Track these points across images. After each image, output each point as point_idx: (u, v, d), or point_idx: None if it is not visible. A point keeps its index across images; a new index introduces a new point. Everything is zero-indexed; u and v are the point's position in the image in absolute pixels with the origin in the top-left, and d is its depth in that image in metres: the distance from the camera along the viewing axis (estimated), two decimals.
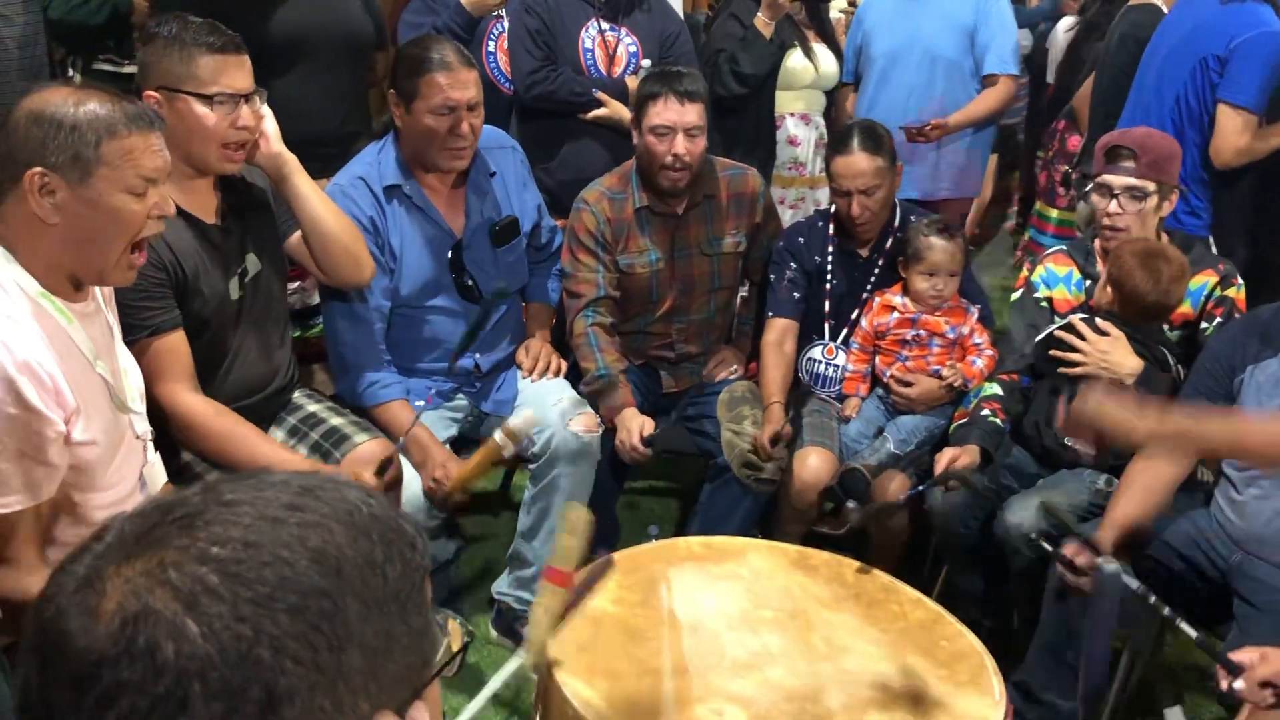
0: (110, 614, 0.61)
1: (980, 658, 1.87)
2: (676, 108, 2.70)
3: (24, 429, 1.56)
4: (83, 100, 1.64)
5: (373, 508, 0.71)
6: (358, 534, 0.68)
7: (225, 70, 2.10)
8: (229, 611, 0.61)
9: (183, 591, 0.61)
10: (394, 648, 0.67)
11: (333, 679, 0.63)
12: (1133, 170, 2.57)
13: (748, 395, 2.89)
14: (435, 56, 2.49)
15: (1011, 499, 2.56)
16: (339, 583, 0.65)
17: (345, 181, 2.59)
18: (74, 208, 1.63)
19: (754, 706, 1.69)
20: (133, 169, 1.66)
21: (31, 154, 1.61)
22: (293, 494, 0.68)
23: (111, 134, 1.64)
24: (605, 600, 1.93)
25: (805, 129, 3.78)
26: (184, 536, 0.64)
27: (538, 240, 2.92)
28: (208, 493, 0.68)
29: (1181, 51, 3.22)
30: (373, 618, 0.66)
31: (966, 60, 3.66)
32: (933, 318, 2.85)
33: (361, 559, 0.67)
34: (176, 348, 2.10)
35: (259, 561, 0.63)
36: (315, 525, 0.66)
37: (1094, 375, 2.55)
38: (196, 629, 0.60)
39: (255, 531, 0.64)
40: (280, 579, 0.63)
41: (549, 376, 2.81)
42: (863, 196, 2.81)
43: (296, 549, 0.65)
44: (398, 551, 0.69)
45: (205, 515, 0.65)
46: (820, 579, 2.09)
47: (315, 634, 0.62)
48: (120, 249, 1.70)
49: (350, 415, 2.47)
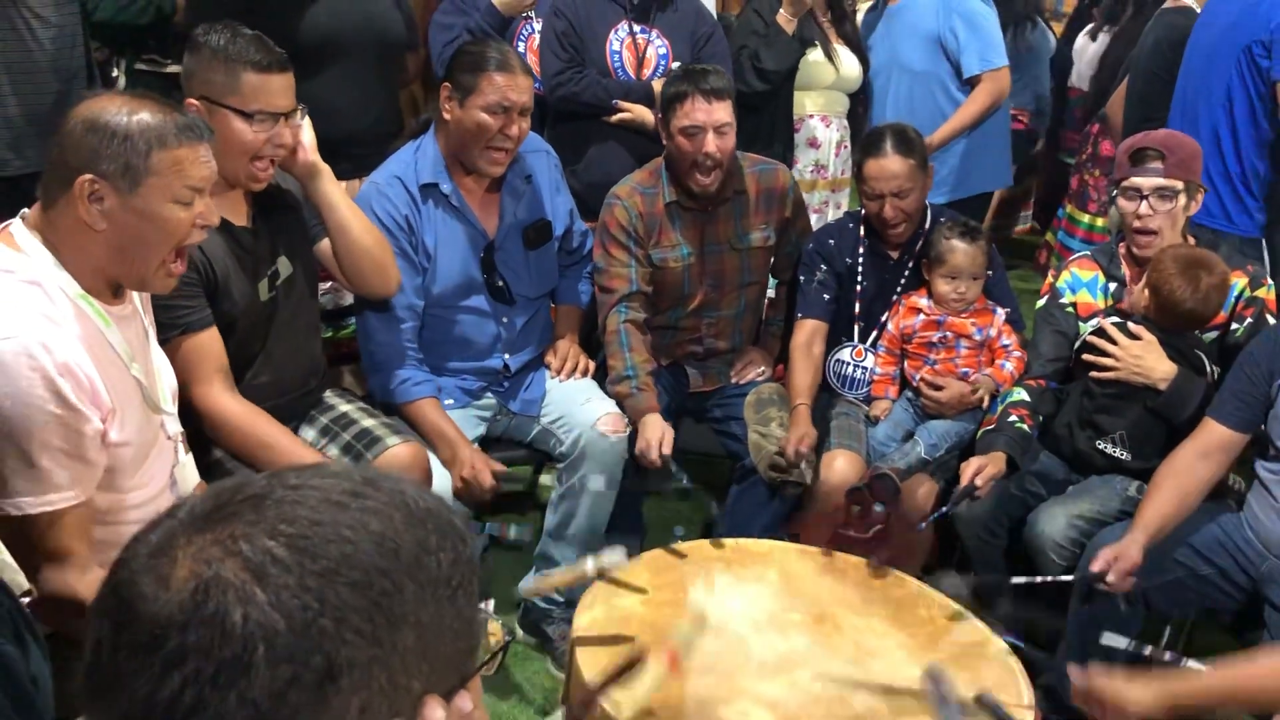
0: (182, 580, 0.65)
1: (1008, 662, 1.86)
2: (705, 106, 2.70)
3: (66, 427, 1.59)
4: (136, 110, 1.67)
5: (427, 501, 0.74)
6: (414, 522, 0.71)
7: (268, 88, 2.12)
8: (295, 582, 0.64)
9: (252, 562, 0.65)
10: (444, 631, 0.70)
11: (389, 654, 0.66)
12: (1160, 170, 2.56)
13: (775, 397, 2.89)
14: (497, 56, 2.53)
15: (1040, 507, 2.55)
16: (397, 564, 0.68)
17: (381, 180, 2.62)
18: (121, 215, 1.66)
19: (781, 708, 1.69)
20: (181, 179, 1.69)
21: (84, 161, 1.63)
22: (354, 483, 0.72)
23: (162, 145, 1.66)
24: (633, 600, 1.94)
25: (826, 130, 3.77)
26: (253, 513, 0.68)
27: (569, 244, 2.93)
28: (274, 478, 0.71)
29: (1223, 47, 3.19)
30: (427, 600, 0.69)
31: (941, 68, 3.68)
32: (959, 320, 2.84)
33: (417, 545, 0.70)
34: (209, 346, 2.12)
35: (324, 538, 0.67)
36: (375, 511, 0.70)
37: (1127, 379, 2.54)
38: (264, 597, 0.63)
39: (320, 512, 0.68)
40: (343, 556, 0.66)
41: (577, 377, 2.82)
42: (895, 199, 2.80)
43: (359, 530, 0.68)
44: (450, 543, 0.73)
45: (274, 495, 0.69)
46: (848, 582, 2.09)
47: (375, 610, 0.66)
48: (162, 257, 1.73)
49: (382, 417, 2.49)
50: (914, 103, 3.68)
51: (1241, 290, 2.59)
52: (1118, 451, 2.58)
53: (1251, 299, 2.58)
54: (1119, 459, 2.58)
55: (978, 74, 3.65)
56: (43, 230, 1.68)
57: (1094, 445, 2.60)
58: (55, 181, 1.66)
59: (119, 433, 1.69)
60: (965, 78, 3.67)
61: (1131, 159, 2.60)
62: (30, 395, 1.55)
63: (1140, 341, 2.54)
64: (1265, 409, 2.29)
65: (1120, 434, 2.58)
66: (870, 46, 3.84)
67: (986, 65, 3.64)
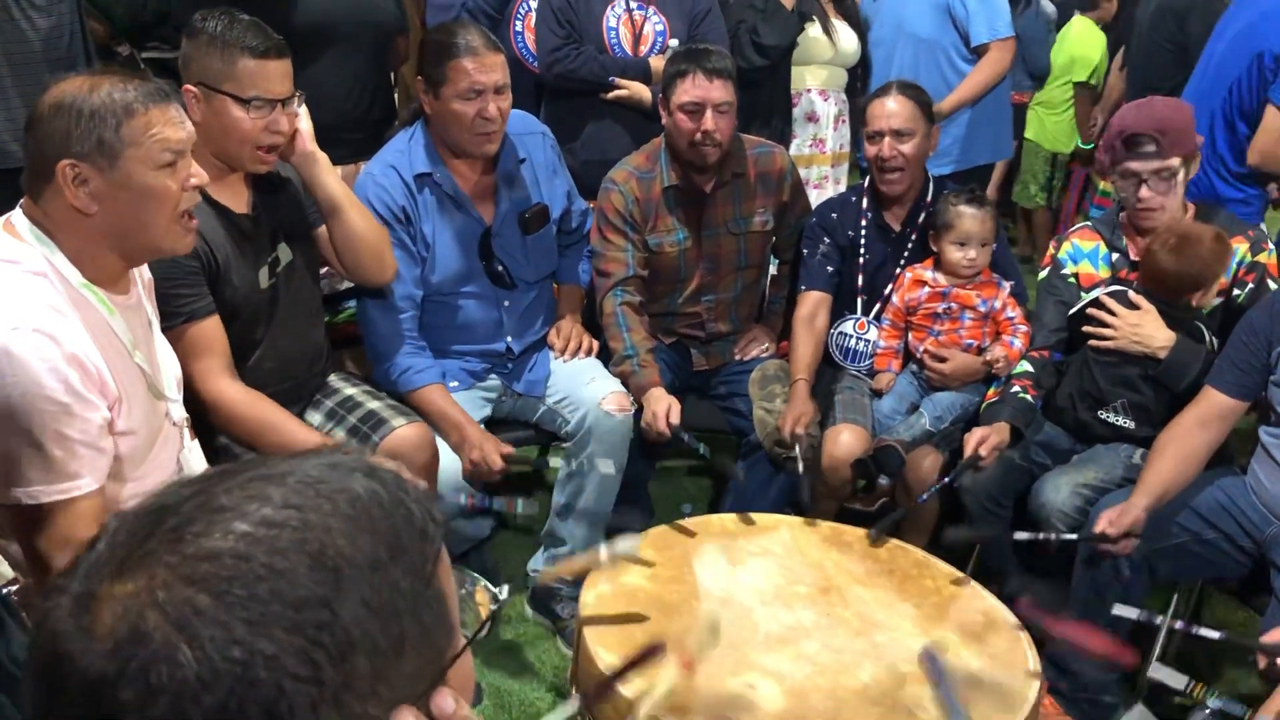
0: (105, 635, 0.60)
1: (1014, 631, 1.87)
2: (705, 84, 2.70)
3: (76, 416, 1.60)
4: (97, 85, 1.66)
5: (379, 496, 0.68)
6: (360, 531, 0.65)
7: (265, 74, 2.12)
8: (221, 635, 0.59)
9: (173, 615, 0.60)
10: (403, 647, 0.65)
11: (336, 690, 0.61)
12: (1156, 154, 2.51)
13: (779, 373, 2.89)
14: (461, 41, 2.50)
15: (1045, 476, 2.56)
16: (338, 589, 0.62)
17: (377, 170, 2.62)
18: (109, 193, 1.66)
19: (787, 680, 1.70)
20: (158, 144, 1.68)
21: (59, 146, 1.63)
22: (290, 490, 0.65)
23: (130, 113, 1.66)
24: (640, 576, 1.95)
25: (825, 105, 3.76)
26: (173, 552, 0.62)
27: (568, 224, 2.93)
28: (200, 495, 0.65)
29: (1242, 41, 3.14)
30: (379, 621, 0.64)
31: (948, 37, 3.66)
32: (964, 291, 2.83)
33: (365, 560, 0.64)
34: (212, 333, 2.13)
35: (252, 576, 0.61)
36: (314, 526, 0.64)
37: (1126, 349, 2.54)
38: (190, 653, 0.59)
39: (247, 541, 0.62)
40: (274, 593, 0.61)
41: (581, 356, 2.83)
42: (894, 138, 2.79)
43: (292, 556, 0.62)
44: (405, 544, 0.67)
45: (195, 525, 0.63)
46: (854, 555, 2.10)
47: (314, 648, 0.61)
48: (164, 224, 1.73)
49: (387, 399, 2.50)
50: (919, 71, 3.65)
51: (1243, 256, 2.58)
52: (1121, 420, 2.58)
53: (1253, 264, 2.57)
54: (1123, 427, 2.58)
55: (986, 43, 3.63)
56: (39, 221, 1.68)
57: (1096, 415, 2.60)
58: (36, 173, 1.66)
59: (125, 421, 1.70)
60: (973, 46, 3.65)
61: (1125, 144, 2.54)
62: (40, 386, 1.56)
63: (1138, 311, 2.54)
64: (1265, 376, 2.29)
65: (1122, 402, 2.58)
66: (873, 13, 3.81)
67: (995, 35, 3.63)
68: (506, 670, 2.61)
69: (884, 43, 3.78)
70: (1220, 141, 3.17)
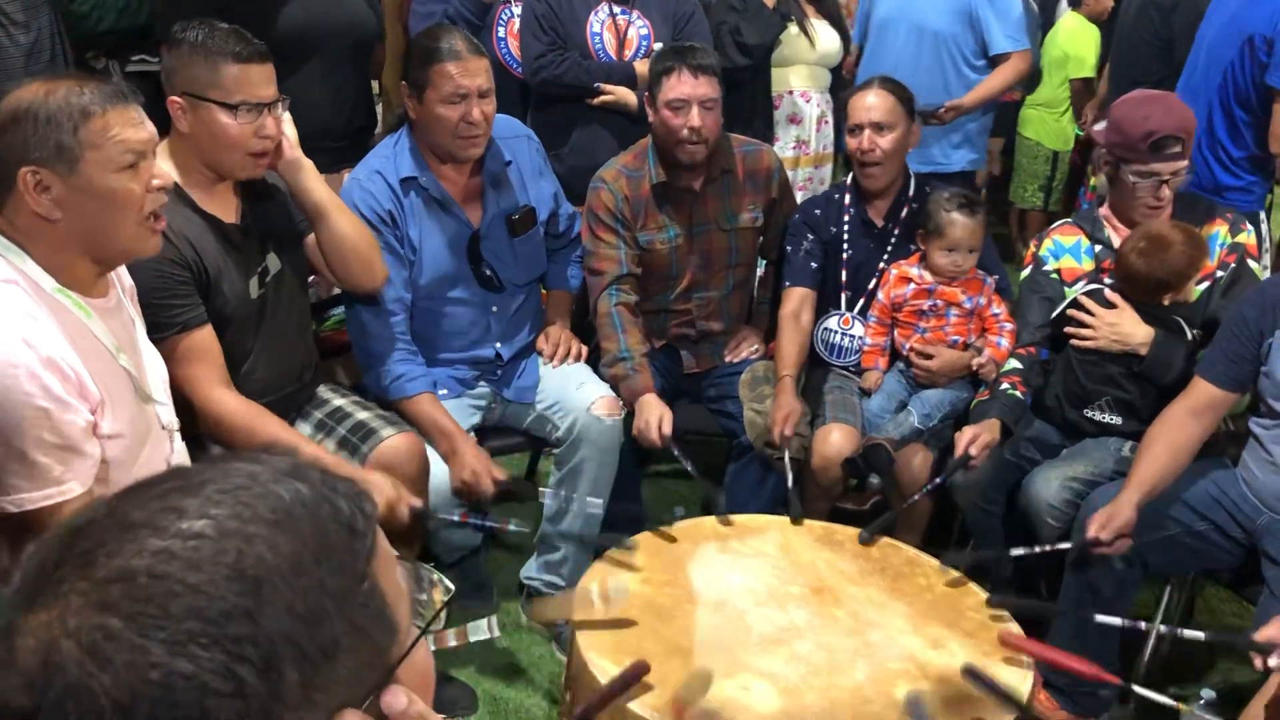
0: (22, 668, 0.59)
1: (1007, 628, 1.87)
2: (690, 81, 2.70)
3: (54, 420, 1.59)
4: (53, 90, 1.64)
5: (302, 496, 0.66)
6: (283, 535, 0.63)
7: (249, 79, 2.12)
8: (138, 659, 0.58)
9: (85, 642, 0.58)
10: (336, 651, 0.63)
11: (264, 703, 0.59)
12: (1180, 155, 2.53)
13: (768, 375, 2.89)
14: (445, 46, 2.50)
15: (1035, 471, 2.56)
16: (259, 599, 0.60)
17: (363, 176, 2.61)
18: (72, 199, 1.64)
19: (782, 681, 1.70)
20: (117, 146, 1.66)
21: (18, 153, 1.61)
22: (206, 500, 0.63)
23: (86, 115, 1.64)
24: (633, 580, 1.95)
25: (807, 106, 3.75)
26: (84, 577, 0.60)
27: (555, 228, 2.92)
28: (113, 514, 0.64)
29: (1229, 29, 3.15)
30: (306, 627, 0.62)
31: (964, 38, 3.62)
32: (949, 288, 2.83)
33: (287, 565, 0.62)
34: (207, 343, 2.12)
35: (165, 593, 0.59)
36: (232, 534, 0.62)
37: (1106, 349, 2.55)
38: (106, 680, 0.57)
39: (161, 558, 0.60)
40: (190, 610, 0.59)
41: (570, 362, 2.83)
42: (874, 131, 2.80)
43: (208, 569, 0.60)
44: (333, 543, 0.65)
45: (108, 546, 0.61)
46: (846, 554, 2.10)
47: (237, 662, 0.59)
48: (130, 227, 1.71)
49: (376, 409, 2.49)
50: (919, 62, 3.60)
51: (1223, 239, 2.59)
52: (1108, 417, 2.59)
53: (1234, 245, 2.58)
54: (1110, 424, 2.59)
55: (1006, 52, 3.59)
56: (6, 232, 1.67)
57: (1083, 414, 2.61)
58: (0, 181, 1.64)
59: (110, 424, 1.68)
60: (992, 54, 3.60)
61: (1152, 148, 2.50)
62: (16, 392, 1.55)
63: (1115, 309, 2.55)
64: (1256, 367, 2.30)
65: (1107, 400, 2.59)
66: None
67: (1015, 45, 3.60)
68: (502, 677, 2.61)
69: (886, 27, 3.70)
70: (1220, 129, 3.18)
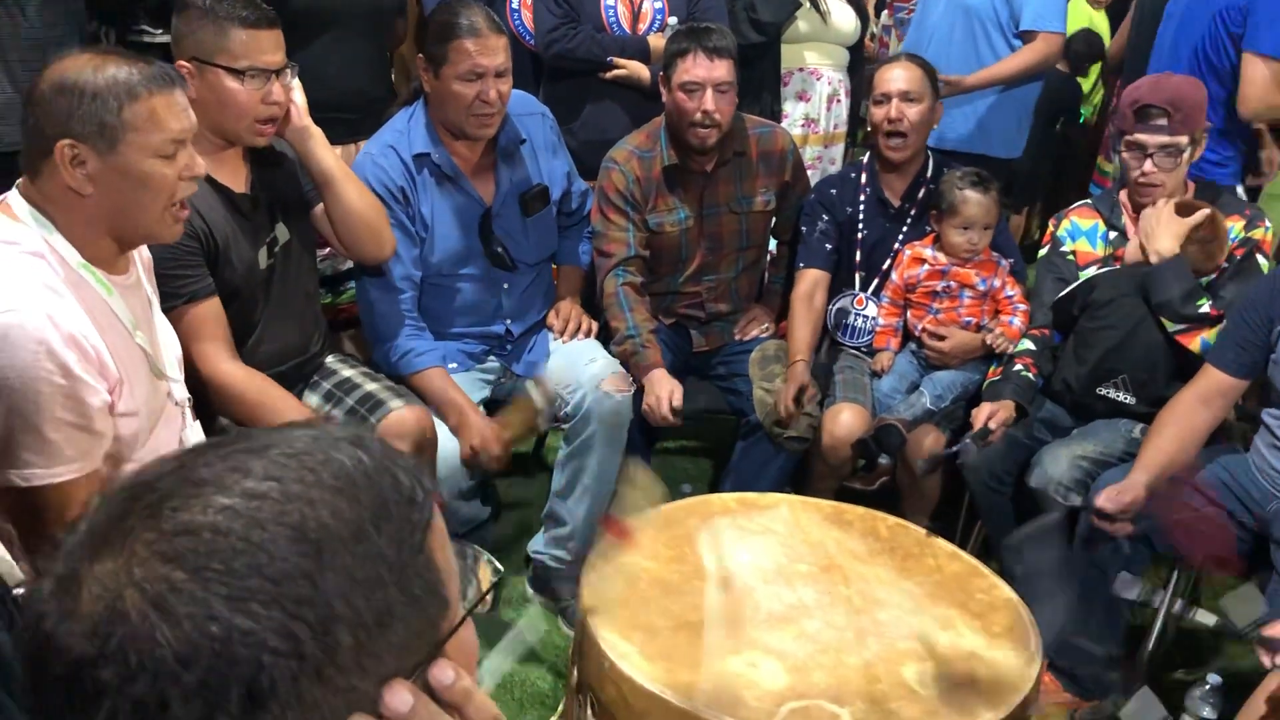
0: (84, 615, 0.60)
1: (1016, 609, 1.87)
2: (705, 64, 2.68)
3: (73, 399, 1.59)
4: (102, 66, 1.63)
5: (364, 464, 0.66)
6: (344, 500, 0.64)
7: (257, 44, 2.10)
8: (199, 610, 0.58)
9: (150, 592, 0.59)
10: (390, 619, 0.64)
11: (318, 664, 0.60)
12: (1166, 128, 2.50)
13: (779, 354, 2.89)
14: (464, 22, 2.47)
15: (1043, 450, 2.56)
16: (319, 562, 0.61)
17: (376, 150, 2.60)
18: (106, 177, 1.64)
19: (789, 659, 1.70)
20: (159, 132, 1.66)
21: (59, 125, 1.61)
22: (271, 463, 0.64)
23: (133, 97, 1.63)
24: (641, 556, 1.94)
25: (818, 84, 3.71)
26: (150, 529, 0.61)
27: (568, 205, 2.91)
28: (180, 470, 0.64)
29: (1198, 4, 3.11)
30: (362, 592, 0.62)
31: (1000, 13, 3.50)
32: (963, 269, 2.82)
33: (348, 530, 0.63)
34: (212, 314, 2.13)
35: (229, 550, 0.60)
36: (295, 498, 0.63)
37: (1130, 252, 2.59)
38: (168, 631, 0.58)
39: (227, 515, 0.61)
40: (252, 567, 0.60)
41: (580, 337, 2.82)
42: (900, 102, 2.80)
43: (271, 528, 0.61)
44: (392, 511, 0.66)
45: (174, 500, 0.62)
46: (855, 533, 2.10)
47: (295, 622, 0.59)
48: (157, 211, 1.71)
49: (385, 380, 2.49)
50: (953, 36, 3.53)
51: (1237, 233, 2.57)
52: (1121, 395, 2.58)
53: (1245, 239, 2.56)
54: (1123, 403, 2.58)
55: (1034, 30, 3.47)
56: (36, 201, 1.67)
57: (1095, 392, 2.60)
58: (35, 151, 1.64)
59: (126, 402, 1.69)
60: (1019, 29, 3.48)
61: (1136, 115, 2.52)
62: (36, 368, 1.55)
63: (1166, 213, 2.52)
64: (1266, 355, 2.29)
65: (1123, 378, 2.58)
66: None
67: (1044, 24, 3.47)
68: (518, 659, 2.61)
69: (930, 1, 3.63)
70: None
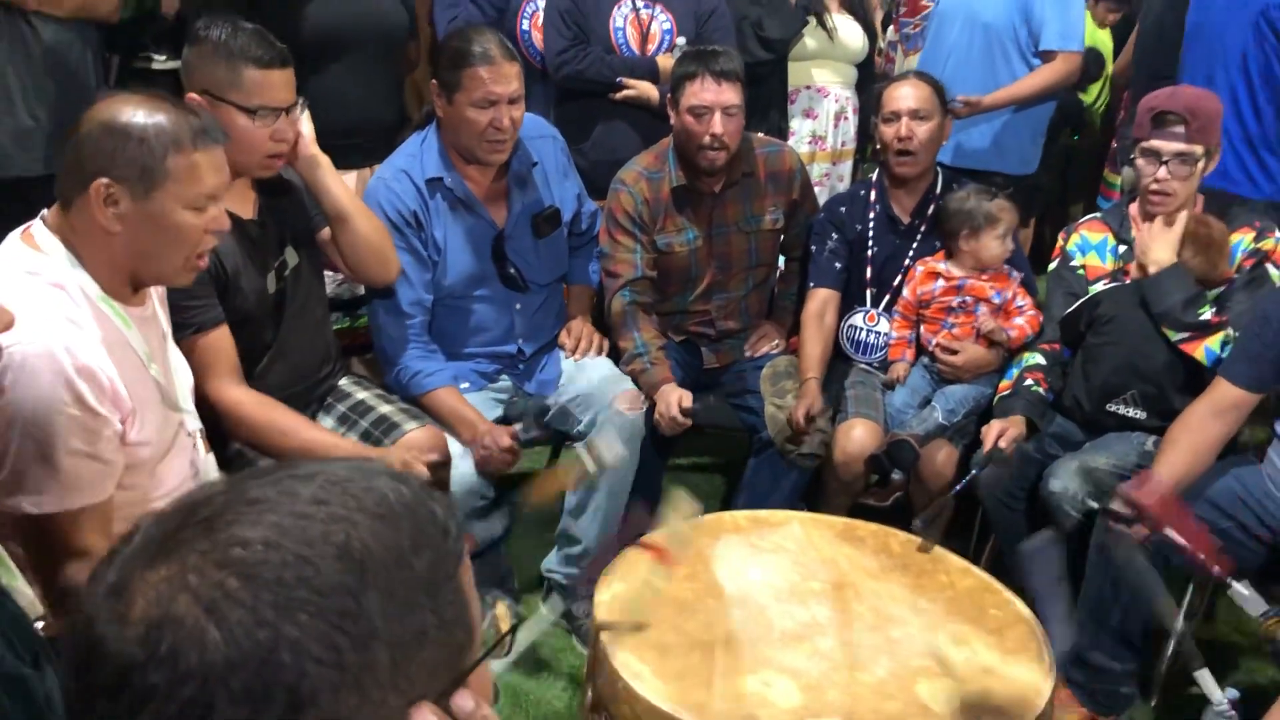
0: (137, 620, 0.62)
1: (1030, 625, 1.87)
2: (714, 87, 2.70)
3: (87, 429, 1.61)
4: (153, 112, 1.66)
5: (403, 495, 0.70)
6: (385, 526, 0.68)
7: (269, 84, 2.13)
8: (249, 617, 0.61)
9: (204, 597, 0.62)
10: (424, 640, 0.67)
11: (357, 676, 0.63)
12: (1183, 136, 2.49)
13: (790, 369, 2.89)
14: (478, 49, 2.49)
15: (1055, 464, 2.56)
16: (362, 580, 0.65)
17: (388, 175, 2.62)
18: (136, 220, 1.66)
19: (803, 677, 1.70)
20: (196, 186, 1.69)
21: (101, 164, 1.63)
22: (319, 488, 0.68)
23: (179, 148, 1.66)
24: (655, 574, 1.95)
25: (825, 101, 3.73)
26: (205, 540, 0.64)
27: (578, 226, 2.93)
28: (232, 490, 0.68)
29: (1235, 12, 3.10)
30: (399, 612, 0.66)
31: (1019, 32, 3.49)
32: (978, 283, 2.83)
33: (387, 553, 0.67)
34: (221, 343, 2.15)
35: (280, 562, 0.63)
36: (340, 520, 0.66)
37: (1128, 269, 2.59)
38: (218, 635, 0.61)
39: (277, 531, 0.65)
40: (300, 579, 0.63)
41: (591, 355, 2.83)
42: (911, 120, 2.81)
43: (319, 546, 0.65)
44: (428, 540, 0.69)
45: (227, 515, 0.66)
46: (867, 550, 2.10)
47: (338, 634, 0.63)
48: (179, 261, 1.74)
49: (399, 402, 2.51)
50: (972, 54, 3.53)
51: (1246, 245, 2.56)
52: (1131, 411, 2.58)
53: (1255, 251, 2.55)
54: (1134, 418, 2.58)
55: (1054, 50, 3.47)
56: (62, 232, 1.69)
57: (1105, 408, 2.60)
58: (72, 184, 1.66)
59: (138, 433, 1.70)
60: (1040, 49, 3.48)
61: (1153, 121, 2.53)
62: (52, 398, 1.57)
63: (1158, 225, 2.55)
64: (1278, 368, 2.28)
65: (1133, 394, 2.58)
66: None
67: (1065, 44, 3.47)
68: (522, 669, 2.62)
69: (946, 19, 3.62)
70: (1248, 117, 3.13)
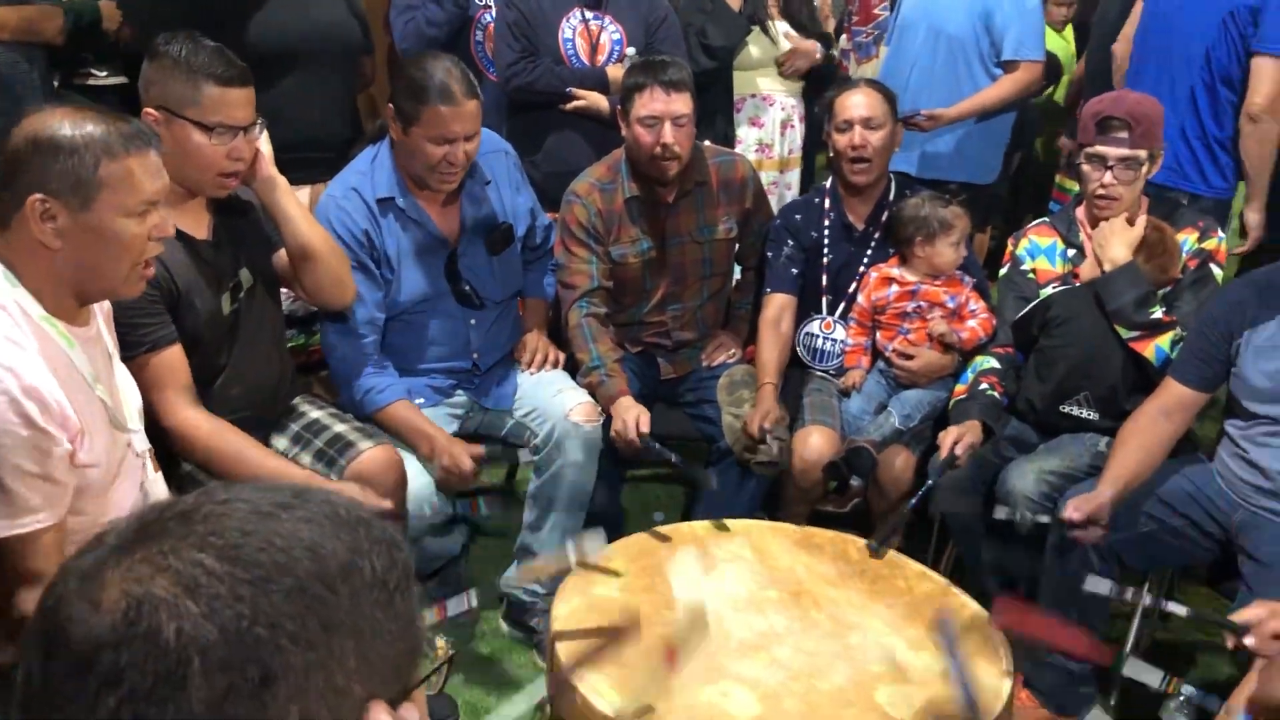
0: (112, 601, 0.64)
1: (988, 629, 1.88)
2: (663, 98, 2.70)
3: (36, 450, 1.57)
4: (80, 123, 1.63)
5: (356, 509, 0.74)
6: (345, 529, 0.71)
7: (229, 102, 2.10)
8: (227, 591, 0.64)
9: (183, 575, 0.65)
10: (383, 635, 0.70)
11: (325, 658, 0.66)
12: (1127, 141, 2.52)
13: (746, 378, 2.89)
14: (437, 84, 2.44)
15: (1010, 466, 2.57)
16: (329, 571, 0.68)
17: (339, 193, 2.59)
18: (75, 234, 1.63)
19: (761, 687, 1.70)
20: (133, 193, 1.66)
21: (33, 180, 1.60)
22: (282, 495, 0.72)
23: (110, 156, 1.63)
24: (611, 587, 1.94)
25: (771, 109, 3.74)
26: (182, 528, 0.67)
27: (532, 240, 2.92)
28: (203, 494, 0.71)
29: (1204, 6, 3.10)
30: (362, 605, 0.69)
31: (981, 42, 3.51)
32: (932, 288, 2.84)
33: (350, 551, 0.70)
34: (174, 362, 2.11)
35: (255, 547, 0.66)
36: (306, 520, 0.70)
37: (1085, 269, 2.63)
38: (196, 609, 0.63)
39: (249, 523, 0.68)
40: (275, 564, 0.66)
41: (547, 369, 2.82)
42: (864, 129, 2.81)
43: (289, 539, 0.68)
44: (383, 547, 0.73)
45: (201, 510, 0.69)
46: (825, 557, 2.10)
47: (309, 615, 0.66)
48: (124, 270, 1.71)
49: (354, 421, 2.48)
50: (935, 66, 3.54)
51: (1191, 245, 2.60)
52: (1084, 412, 2.61)
53: (1199, 251, 2.59)
54: (1087, 419, 2.60)
55: (1015, 60, 3.49)
56: (1, 252, 1.66)
57: (1058, 410, 2.63)
58: (6, 203, 1.63)
59: (87, 454, 1.67)
60: (1002, 59, 3.50)
61: (1098, 126, 2.55)
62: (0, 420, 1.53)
63: (1118, 223, 2.57)
64: (1226, 368, 2.32)
65: (1085, 395, 2.60)
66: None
67: (1026, 54, 3.49)
68: (481, 684, 2.60)
69: (908, 29, 3.63)
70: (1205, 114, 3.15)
